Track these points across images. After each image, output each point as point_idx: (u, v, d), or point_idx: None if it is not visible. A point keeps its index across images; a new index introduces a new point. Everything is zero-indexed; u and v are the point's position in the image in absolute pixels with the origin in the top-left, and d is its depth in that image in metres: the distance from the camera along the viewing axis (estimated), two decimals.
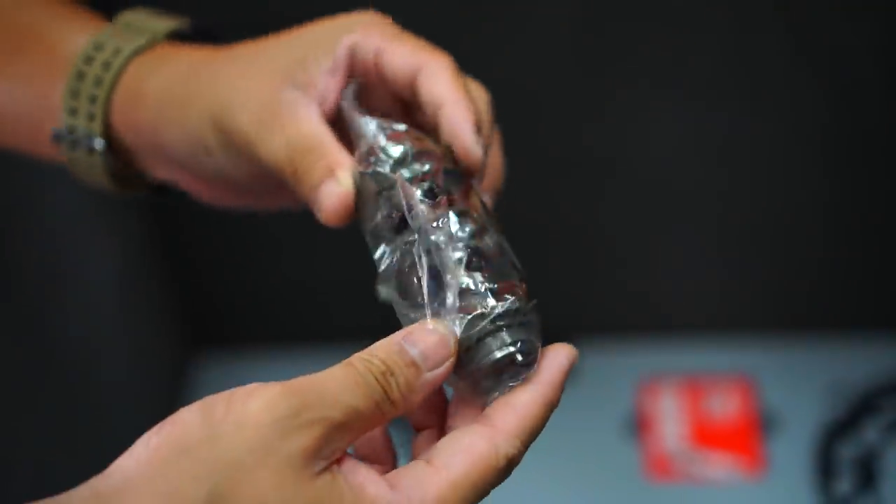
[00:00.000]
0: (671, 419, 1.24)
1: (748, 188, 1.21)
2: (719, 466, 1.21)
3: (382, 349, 0.51)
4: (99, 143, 0.65)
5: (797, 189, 1.21)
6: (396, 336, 0.52)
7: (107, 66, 0.65)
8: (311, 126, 0.61)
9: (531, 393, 0.53)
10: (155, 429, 0.48)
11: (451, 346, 0.53)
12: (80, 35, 0.66)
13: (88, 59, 0.65)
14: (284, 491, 0.47)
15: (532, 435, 0.52)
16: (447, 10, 1.12)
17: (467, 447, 0.51)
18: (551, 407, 0.53)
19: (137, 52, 0.66)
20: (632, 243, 1.26)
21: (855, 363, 1.26)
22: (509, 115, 1.20)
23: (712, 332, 1.30)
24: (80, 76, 0.65)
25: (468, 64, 1.12)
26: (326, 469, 0.48)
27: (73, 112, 0.65)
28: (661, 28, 1.12)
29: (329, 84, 0.62)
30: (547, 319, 1.32)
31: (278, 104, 0.61)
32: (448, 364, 0.52)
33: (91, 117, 0.65)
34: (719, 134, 1.18)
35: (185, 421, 0.47)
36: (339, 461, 0.49)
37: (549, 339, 1.32)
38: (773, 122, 1.17)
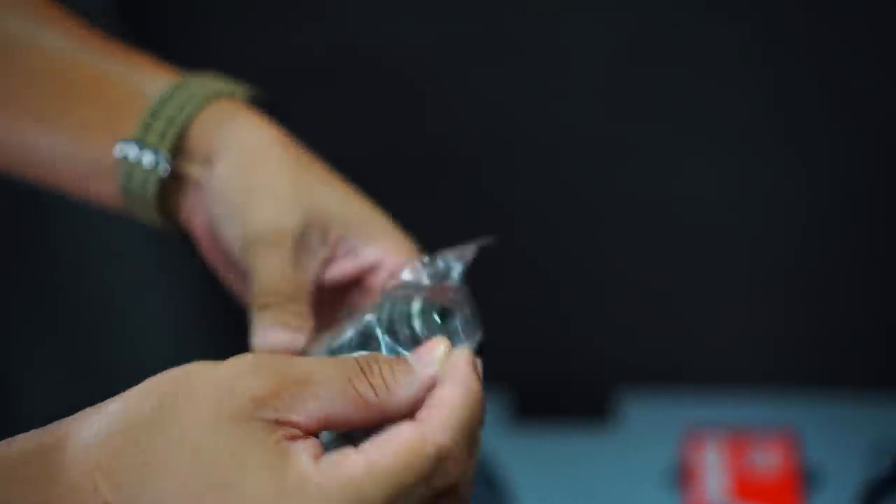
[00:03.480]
0: (714, 472, 1.25)
1: (792, 241, 1.22)
2: None
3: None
4: (163, 160, 0.67)
5: (841, 243, 1.22)
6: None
7: (191, 98, 0.67)
8: (338, 273, 0.65)
9: (449, 387, 0.51)
10: None
11: (442, 352, 0.52)
12: (154, 79, 0.69)
13: (174, 90, 0.68)
14: (219, 421, 0.48)
15: (463, 426, 0.50)
16: (477, 45, 1.15)
17: (393, 434, 0.49)
18: (474, 396, 0.51)
19: (219, 96, 0.68)
20: (677, 294, 1.27)
21: None
22: (550, 162, 1.23)
23: (757, 385, 1.30)
24: (163, 101, 0.67)
25: (502, 102, 1.15)
26: (272, 424, 0.48)
27: (147, 128, 0.67)
28: (698, 75, 1.13)
29: (339, 262, 0.66)
30: (593, 368, 1.33)
31: (287, 239, 0.64)
32: (440, 364, 0.52)
33: (163, 135, 0.67)
34: (762, 184, 1.19)
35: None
36: (300, 437, 0.49)
37: (593, 389, 1.33)
38: (816, 172, 1.18)
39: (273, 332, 0.61)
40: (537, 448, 1.29)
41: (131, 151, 0.67)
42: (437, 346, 0.52)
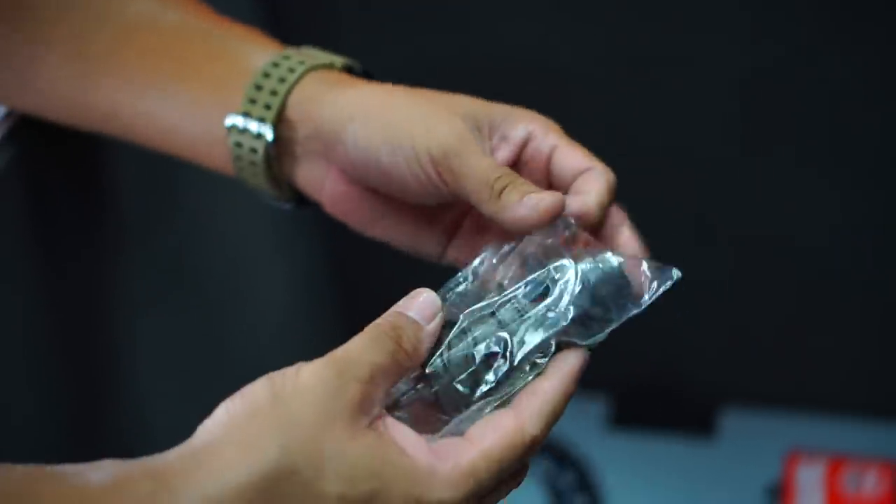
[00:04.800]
0: (811, 492, 1.25)
1: None
2: None
3: (386, 316, 0.60)
4: (268, 131, 0.71)
5: None
6: (394, 308, 0.61)
7: (291, 70, 0.72)
8: (499, 160, 0.68)
9: (551, 382, 0.60)
10: (230, 398, 0.57)
11: (438, 303, 0.61)
12: (259, 53, 0.74)
13: (274, 66, 0.72)
14: (338, 442, 0.55)
15: (553, 419, 0.59)
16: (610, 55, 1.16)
17: (496, 425, 0.58)
18: (568, 396, 0.60)
19: (318, 67, 0.73)
20: (788, 316, 1.28)
21: None
22: (668, 177, 1.24)
23: (860, 413, 1.31)
24: (266, 75, 0.72)
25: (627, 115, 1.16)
26: (371, 425, 0.56)
27: (252, 101, 0.72)
28: (820, 111, 1.14)
29: (498, 152, 0.69)
30: (699, 383, 1.33)
31: (469, 136, 0.68)
32: (441, 317, 0.61)
33: (268, 107, 0.71)
34: (876, 215, 1.19)
35: (255, 391, 0.56)
36: (380, 417, 0.57)
37: (697, 402, 1.33)
38: None
39: (535, 200, 0.65)
40: (635, 456, 1.31)
41: (239, 122, 0.72)
42: (424, 296, 0.61)
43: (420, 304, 0.61)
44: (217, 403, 1.02)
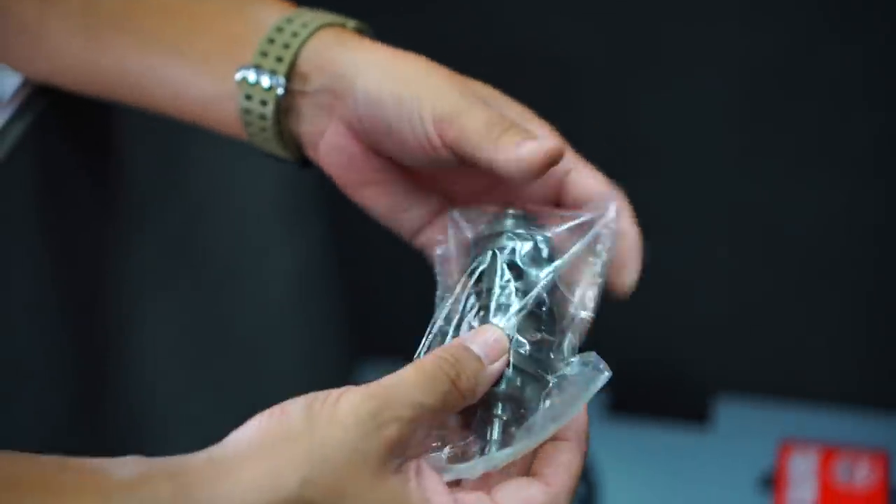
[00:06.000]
0: (803, 482, 1.26)
1: None
2: None
3: (449, 348, 0.59)
4: (280, 83, 0.71)
5: None
6: (459, 339, 0.60)
7: (304, 25, 0.72)
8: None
9: (574, 451, 0.59)
10: (267, 412, 0.57)
11: (506, 344, 0.60)
12: (272, 11, 0.74)
13: (287, 21, 0.72)
14: (362, 484, 0.55)
15: (576, 487, 0.59)
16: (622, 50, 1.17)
17: (528, 500, 0.57)
18: (585, 458, 0.60)
19: (331, 24, 0.73)
20: (783, 308, 1.29)
21: None
22: (663, 168, 1.25)
23: (854, 404, 1.31)
24: (279, 29, 0.72)
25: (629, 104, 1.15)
26: (401, 468, 0.56)
27: (263, 54, 0.71)
28: (821, 106, 1.15)
29: None
30: (694, 372, 1.34)
31: (479, 103, 0.68)
32: (505, 358, 0.59)
33: (279, 59, 0.71)
34: (870, 207, 1.20)
35: (291, 412, 0.56)
36: (414, 458, 0.56)
37: (693, 391, 1.34)
38: None
39: (535, 143, 0.65)
40: (631, 443, 1.32)
41: (251, 75, 0.72)
42: (492, 333, 0.60)
43: (487, 342, 0.60)
44: (224, 384, 1.03)
